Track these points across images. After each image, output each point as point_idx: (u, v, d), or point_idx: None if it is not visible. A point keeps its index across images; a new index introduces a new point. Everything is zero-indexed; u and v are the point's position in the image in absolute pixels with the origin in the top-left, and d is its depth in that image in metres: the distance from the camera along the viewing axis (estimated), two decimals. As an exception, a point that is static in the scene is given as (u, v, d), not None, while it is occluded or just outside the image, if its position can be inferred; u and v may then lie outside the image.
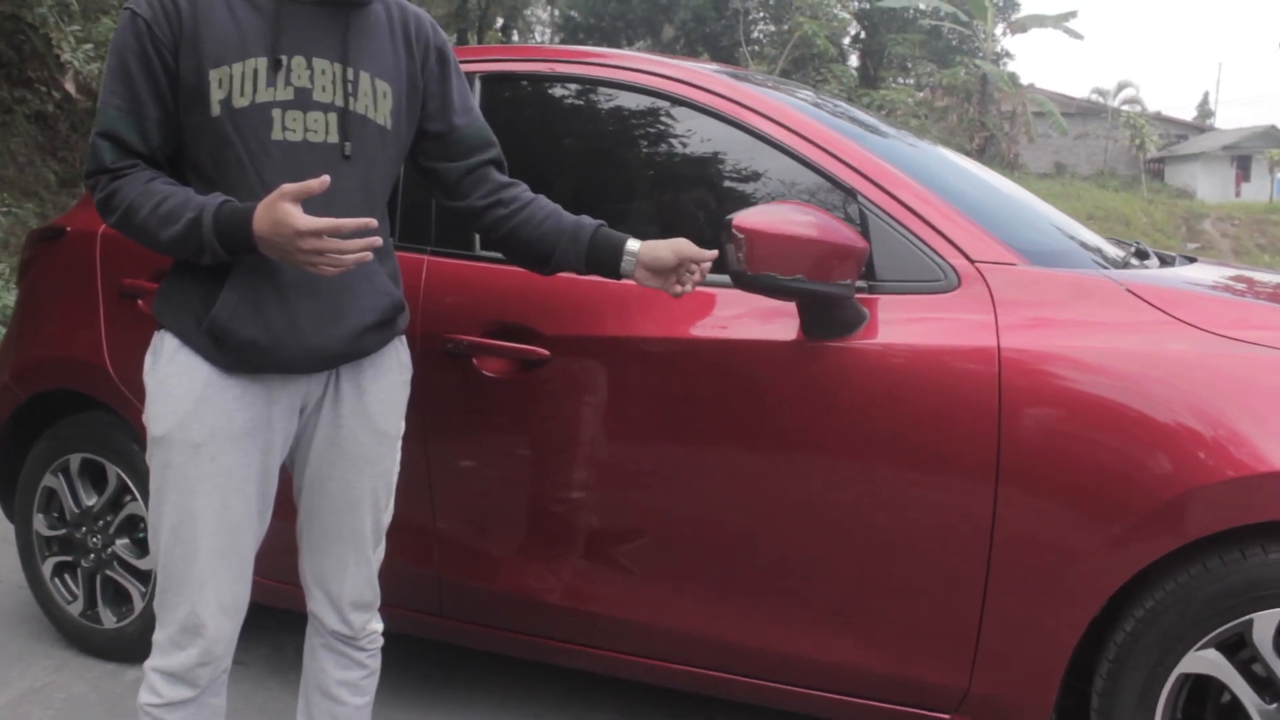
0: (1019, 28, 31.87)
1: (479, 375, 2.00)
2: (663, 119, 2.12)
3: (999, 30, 31.90)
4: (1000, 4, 32.49)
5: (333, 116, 1.53)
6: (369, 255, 1.43)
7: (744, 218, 1.63)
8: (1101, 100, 38.93)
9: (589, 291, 1.96)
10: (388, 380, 1.69)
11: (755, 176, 2.00)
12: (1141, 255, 2.14)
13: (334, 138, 1.53)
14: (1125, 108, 37.77)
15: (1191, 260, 2.34)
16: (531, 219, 1.74)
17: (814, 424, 1.77)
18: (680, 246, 1.67)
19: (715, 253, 1.65)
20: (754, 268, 1.63)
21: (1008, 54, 37.28)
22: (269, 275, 1.50)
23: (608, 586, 1.99)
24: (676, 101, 2.06)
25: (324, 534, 1.70)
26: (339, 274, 1.45)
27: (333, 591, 1.72)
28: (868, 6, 31.32)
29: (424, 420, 2.00)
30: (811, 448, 1.78)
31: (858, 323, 1.75)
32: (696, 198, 2.11)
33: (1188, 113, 51.40)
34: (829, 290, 1.67)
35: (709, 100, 2.02)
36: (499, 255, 2.06)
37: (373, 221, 1.40)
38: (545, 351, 1.95)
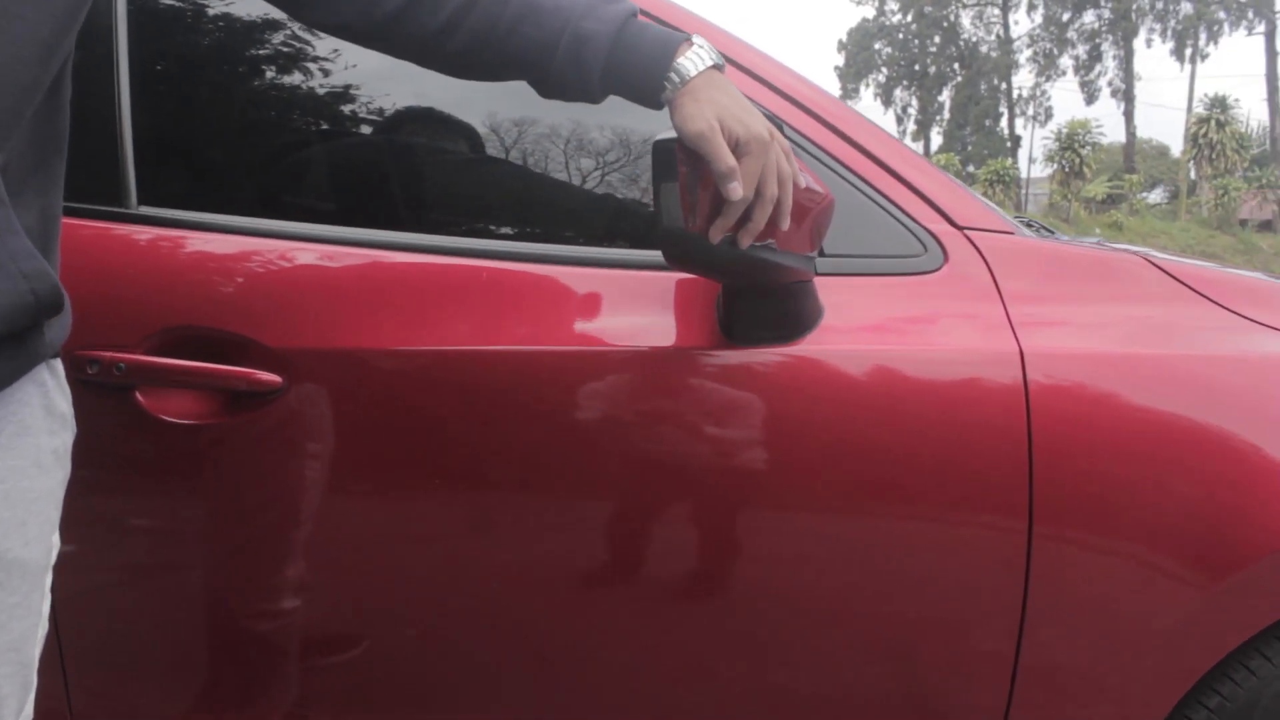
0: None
1: (149, 421, 1.13)
2: None
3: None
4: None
5: None
6: None
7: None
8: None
9: (351, 271, 1.17)
10: (19, 452, 0.80)
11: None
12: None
13: None
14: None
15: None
16: (493, 32, 0.98)
17: (753, 474, 1.13)
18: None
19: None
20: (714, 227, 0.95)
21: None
22: None
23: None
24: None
25: None
26: None
27: None
28: None
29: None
30: (751, 507, 1.13)
31: (817, 318, 1.13)
32: (511, 139, 1.37)
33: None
34: (798, 266, 1.03)
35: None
36: (182, 214, 1.20)
37: None
38: (275, 378, 1.13)
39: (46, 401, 0.83)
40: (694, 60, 0.97)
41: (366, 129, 1.35)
